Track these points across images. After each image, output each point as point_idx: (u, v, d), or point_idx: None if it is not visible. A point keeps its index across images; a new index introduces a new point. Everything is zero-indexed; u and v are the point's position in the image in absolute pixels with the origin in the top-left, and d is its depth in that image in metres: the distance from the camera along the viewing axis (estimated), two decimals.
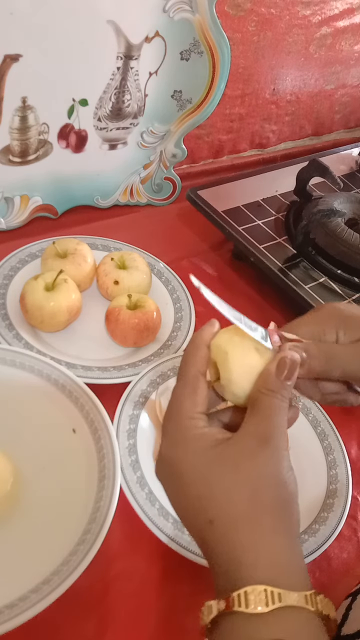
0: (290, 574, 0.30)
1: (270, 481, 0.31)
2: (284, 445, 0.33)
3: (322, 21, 0.92)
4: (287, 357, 0.34)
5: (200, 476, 0.32)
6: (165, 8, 0.67)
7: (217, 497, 0.32)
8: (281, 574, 0.30)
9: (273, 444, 0.32)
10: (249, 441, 0.33)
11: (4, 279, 0.65)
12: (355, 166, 1.00)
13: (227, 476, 0.32)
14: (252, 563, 0.30)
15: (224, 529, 0.31)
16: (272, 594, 0.28)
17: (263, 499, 0.31)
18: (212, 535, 0.31)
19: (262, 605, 0.28)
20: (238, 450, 0.32)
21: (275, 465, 0.32)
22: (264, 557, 0.30)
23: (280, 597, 0.28)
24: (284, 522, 0.31)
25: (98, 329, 0.65)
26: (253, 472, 0.31)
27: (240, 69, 0.88)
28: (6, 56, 0.61)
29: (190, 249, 0.82)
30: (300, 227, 0.74)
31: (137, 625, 0.44)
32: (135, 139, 0.78)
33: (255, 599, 0.28)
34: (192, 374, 0.35)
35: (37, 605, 0.37)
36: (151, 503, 0.48)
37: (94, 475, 0.47)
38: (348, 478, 0.55)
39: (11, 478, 0.46)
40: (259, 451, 0.32)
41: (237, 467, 0.32)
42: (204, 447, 0.33)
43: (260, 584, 0.29)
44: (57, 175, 0.75)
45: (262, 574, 0.29)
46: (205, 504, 0.32)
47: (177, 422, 0.34)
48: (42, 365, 0.54)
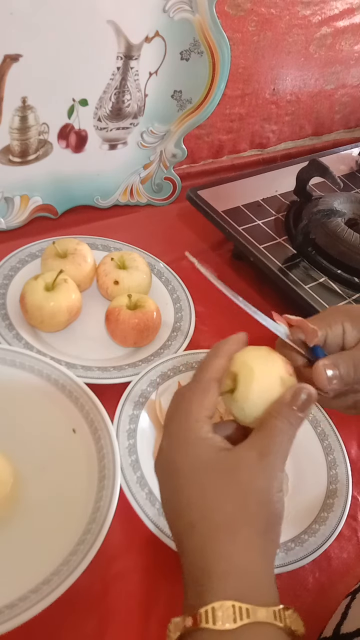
0: (260, 589, 0.30)
1: (258, 495, 0.32)
2: (280, 467, 0.33)
3: (322, 21, 0.92)
4: (303, 388, 0.35)
5: (195, 479, 0.32)
6: (165, 8, 0.67)
7: (206, 502, 0.32)
8: (251, 588, 0.30)
9: (270, 461, 0.32)
10: (248, 453, 0.33)
11: (4, 279, 0.65)
12: (355, 166, 1.00)
13: (219, 483, 0.32)
14: (223, 574, 0.30)
15: (203, 534, 0.31)
16: (240, 609, 0.28)
17: (247, 511, 0.31)
18: (191, 540, 0.31)
19: (230, 621, 0.28)
20: (236, 460, 0.33)
21: (267, 482, 0.32)
22: (235, 569, 0.30)
23: (249, 613, 0.28)
24: (262, 537, 0.31)
25: (98, 329, 0.65)
26: (245, 483, 0.32)
27: (240, 69, 0.88)
28: (6, 56, 0.61)
29: (190, 249, 0.81)
30: (300, 227, 0.74)
31: (137, 625, 0.44)
32: (135, 139, 0.78)
33: (223, 614, 0.28)
34: (207, 378, 0.35)
35: (37, 605, 0.37)
36: (151, 503, 0.48)
37: (94, 475, 0.47)
38: (348, 478, 0.55)
39: (11, 479, 0.46)
40: (256, 464, 0.32)
41: (232, 475, 0.32)
42: (206, 452, 0.33)
43: (229, 599, 0.28)
44: (57, 175, 0.75)
45: (231, 586, 0.29)
46: (193, 506, 0.32)
47: (183, 422, 0.34)
48: (42, 365, 0.54)
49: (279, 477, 0.33)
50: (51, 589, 0.39)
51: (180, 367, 0.60)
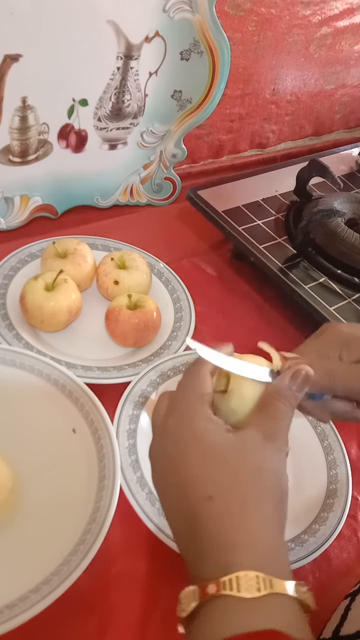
0: (280, 564, 0.31)
1: (271, 474, 0.33)
2: (284, 448, 0.35)
3: (322, 21, 0.92)
4: (301, 370, 0.37)
5: (207, 453, 0.33)
6: (165, 8, 0.67)
7: (222, 475, 0.32)
8: (272, 562, 0.30)
9: (278, 443, 0.34)
10: (256, 435, 0.34)
11: (4, 279, 0.65)
12: (355, 166, 1.00)
13: (234, 459, 0.33)
14: (246, 546, 0.30)
15: (223, 506, 0.31)
16: (264, 580, 0.29)
17: (264, 487, 0.32)
18: (208, 512, 0.31)
19: (253, 591, 0.28)
20: (246, 440, 0.34)
21: (277, 463, 0.34)
22: (258, 542, 0.31)
23: (272, 584, 0.29)
24: (279, 514, 0.33)
25: (98, 329, 0.65)
26: (257, 461, 0.33)
27: (240, 69, 0.88)
28: (6, 56, 0.61)
29: (190, 249, 0.82)
30: (300, 227, 0.74)
31: (138, 625, 0.44)
32: (135, 139, 0.78)
33: (246, 584, 0.28)
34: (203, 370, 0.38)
35: (37, 605, 0.37)
36: (151, 503, 0.48)
37: (94, 475, 0.47)
38: (348, 478, 0.55)
39: (10, 482, 0.45)
40: (265, 445, 0.34)
41: (244, 454, 0.33)
42: (213, 431, 0.34)
43: (252, 569, 0.29)
44: (57, 175, 0.75)
45: (254, 559, 0.30)
46: (209, 479, 0.33)
47: (188, 402, 0.36)
48: (42, 365, 0.54)
49: (284, 459, 0.35)
50: (51, 589, 0.39)
51: (180, 367, 0.60)
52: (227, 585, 0.29)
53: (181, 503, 0.33)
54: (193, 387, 0.37)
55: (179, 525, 0.34)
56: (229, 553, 0.30)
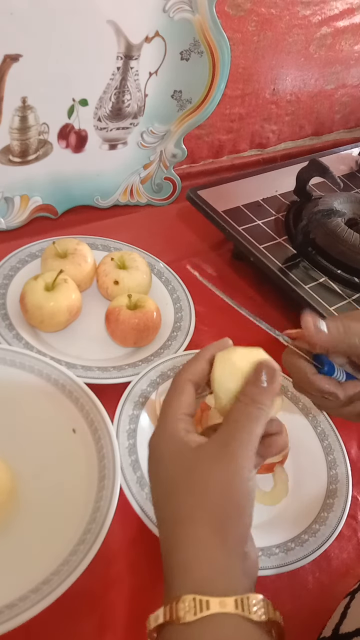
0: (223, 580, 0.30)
1: (217, 487, 0.32)
2: (245, 454, 0.32)
3: (322, 21, 0.92)
4: (263, 363, 0.35)
5: (169, 476, 0.34)
6: (165, 8, 0.67)
7: (174, 497, 0.33)
8: (211, 579, 0.30)
9: (231, 452, 0.32)
10: (210, 447, 0.33)
11: (4, 279, 0.65)
12: (355, 166, 1.00)
13: (184, 478, 0.33)
14: (182, 566, 0.30)
15: (168, 529, 0.32)
16: (200, 602, 0.28)
17: (206, 503, 0.32)
18: (162, 534, 0.33)
19: (191, 614, 0.28)
20: (200, 456, 0.33)
21: (225, 472, 0.32)
22: (193, 561, 0.30)
23: (208, 605, 0.29)
24: (220, 529, 0.31)
25: (98, 329, 0.65)
26: (205, 477, 0.32)
27: (240, 69, 0.88)
28: (6, 56, 0.61)
29: (190, 249, 0.82)
30: (300, 227, 0.74)
31: (137, 625, 0.44)
32: (135, 139, 0.78)
33: (184, 607, 0.29)
34: (182, 379, 0.37)
35: (37, 605, 0.37)
36: (151, 503, 0.48)
37: (94, 475, 0.47)
38: (348, 478, 0.55)
39: (9, 483, 0.45)
40: (216, 457, 0.32)
41: (194, 470, 0.33)
42: (179, 450, 0.34)
43: (190, 592, 0.29)
44: (57, 175, 0.75)
45: (191, 579, 0.30)
46: (164, 502, 0.33)
47: (164, 421, 0.36)
48: (42, 365, 0.54)
49: (245, 466, 0.32)
50: (51, 589, 0.39)
51: (180, 367, 0.60)
52: (167, 613, 0.29)
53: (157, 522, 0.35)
54: (169, 400, 0.37)
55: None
56: (170, 576, 0.31)
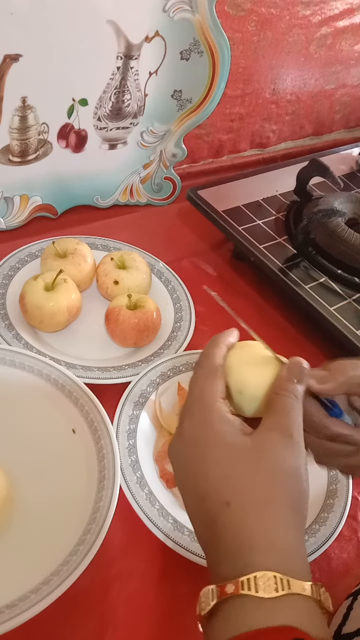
0: (298, 564, 0.31)
1: (289, 474, 0.33)
2: (301, 442, 0.34)
3: (322, 21, 0.92)
4: (294, 361, 0.37)
5: (225, 457, 0.33)
6: (165, 8, 0.67)
7: (240, 480, 0.32)
8: (290, 562, 0.30)
9: (295, 439, 0.34)
10: (271, 434, 0.34)
11: (3, 279, 0.65)
12: (355, 166, 1.00)
13: (251, 462, 0.33)
14: (264, 548, 0.31)
15: (241, 511, 0.32)
16: (282, 580, 0.29)
17: (281, 489, 0.32)
18: (227, 517, 0.32)
19: (271, 591, 0.28)
20: (262, 441, 0.34)
21: (296, 460, 0.33)
22: (276, 544, 0.31)
23: (289, 585, 0.29)
24: (296, 515, 0.32)
25: (98, 329, 0.65)
26: (275, 462, 0.33)
27: (240, 68, 0.88)
28: (6, 56, 0.61)
29: (190, 249, 0.82)
30: (301, 227, 0.74)
31: (137, 625, 0.44)
32: (135, 138, 0.78)
33: (264, 584, 0.29)
34: (214, 365, 0.37)
35: (37, 605, 0.37)
36: (151, 503, 0.48)
37: (93, 476, 0.47)
38: (348, 478, 0.55)
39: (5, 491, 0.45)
40: (282, 444, 0.33)
41: (259, 457, 0.33)
42: (230, 433, 0.34)
43: (270, 570, 0.29)
44: (56, 175, 0.75)
45: (272, 560, 0.30)
46: (226, 484, 0.33)
47: (202, 403, 0.35)
48: (42, 365, 0.54)
49: (304, 453, 0.34)
50: (51, 589, 0.39)
51: (180, 367, 0.60)
52: (245, 585, 0.29)
53: (200, 507, 0.34)
54: (204, 385, 0.36)
55: (200, 528, 0.34)
56: (247, 555, 0.30)
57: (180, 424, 0.36)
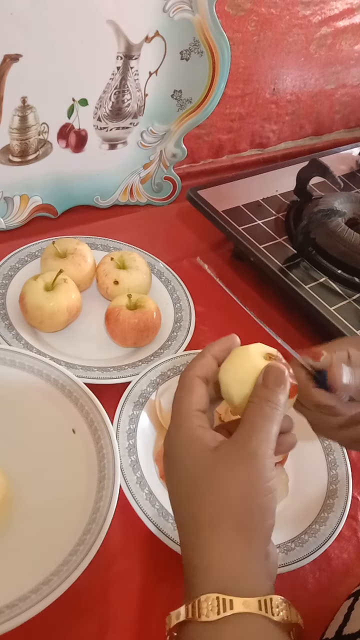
0: (246, 581, 0.30)
1: (239, 489, 0.31)
2: (264, 453, 0.32)
3: (322, 21, 0.92)
4: (271, 365, 0.35)
5: (185, 477, 0.33)
6: (165, 8, 0.67)
7: (193, 500, 0.32)
8: (235, 580, 0.30)
9: (251, 452, 0.32)
10: (228, 448, 0.33)
11: (3, 279, 0.65)
12: (355, 166, 1.00)
13: (204, 480, 0.32)
14: (206, 568, 0.30)
15: (188, 533, 0.32)
16: (224, 601, 0.29)
17: (228, 507, 0.31)
18: (182, 538, 0.33)
19: (214, 613, 0.28)
20: (219, 457, 0.33)
21: (247, 473, 0.31)
22: (217, 564, 0.31)
23: (232, 604, 0.29)
24: (244, 533, 0.31)
25: (98, 329, 0.65)
26: (226, 480, 0.32)
27: (240, 68, 0.88)
28: (6, 56, 0.61)
29: (190, 249, 0.82)
30: (301, 226, 0.74)
31: (137, 625, 0.44)
32: (135, 138, 0.78)
33: (207, 606, 0.29)
34: (190, 377, 0.36)
35: (37, 605, 0.37)
36: (151, 503, 0.48)
37: (93, 476, 0.47)
38: (348, 478, 0.55)
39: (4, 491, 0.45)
40: (237, 457, 0.32)
41: (214, 471, 0.32)
42: (197, 450, 0.33)
43: (213, 592, 0.29)
44: (56, 175, 0.75)
45: (215, 580, 0.30)
46: (183, 506, 0.33)
47: (175, 419, 0.35)
48: (42, 365, 0.54)
49: (267, 465, 0.32)
50: (51, 589, 0.39)
51: (180, 367, 0.60)
52: (189, 611, 0.29)
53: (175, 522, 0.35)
54: (179, 399, 0.36)
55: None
56: (193, 576, 0.31)
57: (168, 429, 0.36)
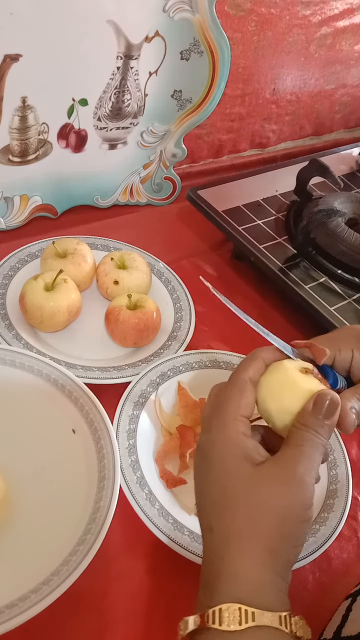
0: (267, 597, 0.30)
1: (277, 512, 0.31)
2: (310, 482, 0.32)
3: (322, 21, 0.92)
4: (325, 395, 0.34)
5: (221, 481, 0.33)
6: (165, 8, 0.67)
7: (226, 506, 0.32)
8: (257, 594, 0.30)
9: (298, 478, 0.32)
10: (273, 466, 0.33)
11: (3, 279, 0.65)
12: (355, 166, 1.00)
13: (241, 491, 0.32)
14: (231, 578, 0.31)
15: (218, 538, 0.32)
16: (247, 612, 0.29)
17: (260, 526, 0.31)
18: (209, 541, 0.32)
19: (235, 624, 0.29)
20: (263, 474, 0.33)
21: (288, 499, 0.32)
22: (242, 575, 0.31)
23: (254, 617, 0.29)
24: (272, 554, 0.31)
25: (98, 329, 0.65)
26: (266, 500, 0.32)
27: (240, 68, 0.88)
28: (6, 56, 0.61)
29: (190, 249, 0.82)
30: (301, 227, 0.74)
31: (137, 625, 0.44)
32: (135, 138, 0.78)
33: (229, 616, 0.29)
34: (242, 379, 0.36)
35: (37, 605, 0.37)
36: (151, 503, 0.48)
37: (93, 476, 0.47)
38: (348, 478, 0.55)
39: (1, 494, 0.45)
40: (280, 478, 0.32)
41: (254, 487, 0.32)
42: (237, 458, 0.33)
43: (236, 602, 0.29)
44: (56, 175, 0.75)
45: (238, 590, 0.30)
46: (213, 509, 0.33)
47: (220, 419, 0.35)
48: (42, 365, 0.54)
49: (305, 492, 0.32)
50: (51, 589, 0.39)
51: (180, 367, 0.60)
52: (210, 618, 0.29)
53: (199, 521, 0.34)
54: (229, 399, 0.35)
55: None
56: (216, 582, 0.31)
57: (201, 432, 0.36)
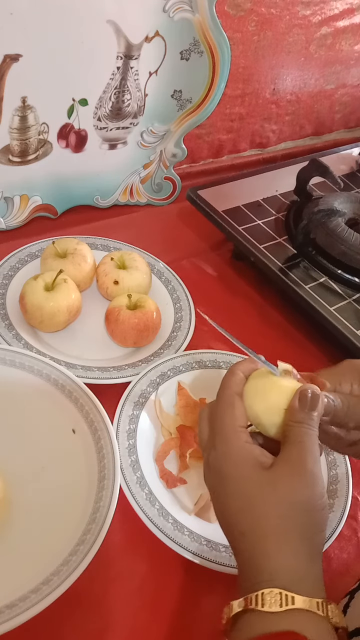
0: (306, 584, 0.33)
1: (301, 507, 0.34)
2: (315, 471, 0.35)
3: (322, 21, 0.92)
4: (307, 389, 0.37)
5: (242, 490, 0.35)
6: (165, 8, 0.67)
7: (253, 513, 0.35)
8: (297, 582, 0.33)
9: (308, 469, 0.35)
10: (285, 467, 0.35)
11: (3, 279, 0.65)
12: (355, 166, 1.00)
13: (264, 496, 0.35)
14: (273, 569, 0.33)
15: (254, 540, 0.34)
16: (287, 596, 0.31)
17: (292, 522, 0.34)
18: (243, 544, 0.35)
19: (276, 606, 0.31)
20: (276, 475, 0.35)
21: (308, 490, 0.34)
22: (283, 566, 0.33)
23: (294, 600, 0.31)
24: (307, 543, 0.34)
25: (98, 329, 0.65)
26: (287, 496, 0.34)
27: (240, 68, 0.88)
28: (6, 56, 0.61)
29: (190, 249, 0.82)
30: (301, 227, 0.74)
31: (137, 625, 0.44)
32: (135, 138, 0.78)
33: (271, 599, 0.32)
34: (228, 393, 0.38)
35: (37, 605, 0.37)
36: (151, 503, 0.48)
37: (93, 476, 0.47)
38: (348, 478, 0.55)
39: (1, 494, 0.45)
40: (294, 476, 0.35)
41: (274, 489, 0.34)
42: (249, 466, 0.36)
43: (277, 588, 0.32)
44: (56, 175, 0.75)
45: (279, 579, 0.33)
46: (242, 517, 0.35)
47: (222, 435, 0.37)
48: (42, 365, 0.54)
49: (319, 483, 0.35)
50: (51, 589, 0.39)
51: (180, 367, 0.60)
52: (252, 601, 0.32)
53: (227, 534, 0.37)
54: (224, 416, 0.38)
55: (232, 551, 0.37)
56: (258, 576, 0.33)
57: (207, 455, 0.38)
